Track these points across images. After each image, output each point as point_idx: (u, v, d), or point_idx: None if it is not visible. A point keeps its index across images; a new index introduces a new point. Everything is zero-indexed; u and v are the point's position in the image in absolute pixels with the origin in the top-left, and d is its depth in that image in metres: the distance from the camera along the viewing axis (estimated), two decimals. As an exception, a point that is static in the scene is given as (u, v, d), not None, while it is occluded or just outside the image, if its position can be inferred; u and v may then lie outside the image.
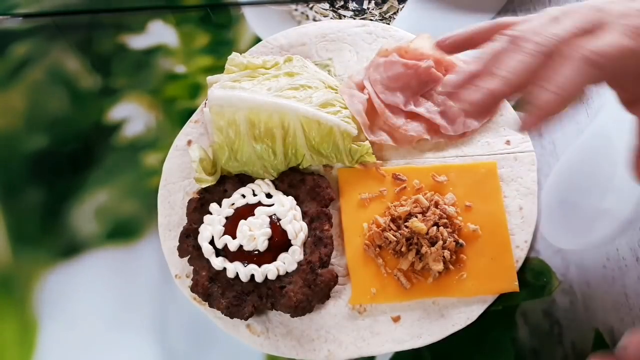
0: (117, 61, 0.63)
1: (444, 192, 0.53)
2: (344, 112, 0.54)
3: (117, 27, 0.65)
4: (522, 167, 0.55)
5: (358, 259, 0.52)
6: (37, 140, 0.60)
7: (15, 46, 0.64)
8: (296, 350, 0.50)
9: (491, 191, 0.54)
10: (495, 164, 0.55)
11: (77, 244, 0.56)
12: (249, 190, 0.53)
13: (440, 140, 0.56)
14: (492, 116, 0.56)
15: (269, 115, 0.51)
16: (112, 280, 0.55)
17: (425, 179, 0.54)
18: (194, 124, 0.58)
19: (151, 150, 0.59)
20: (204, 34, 0.64)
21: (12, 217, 0.57)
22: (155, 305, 0.54)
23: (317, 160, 0.54)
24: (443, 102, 0.56)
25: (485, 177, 0.54)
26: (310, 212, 0.52)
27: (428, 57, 0.57)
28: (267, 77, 0.54)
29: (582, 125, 0.59)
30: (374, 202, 0.54)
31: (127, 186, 0.58)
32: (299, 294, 0.49)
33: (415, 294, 0.51)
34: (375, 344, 0.50)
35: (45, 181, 0.59)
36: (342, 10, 0.65)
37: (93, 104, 0.62)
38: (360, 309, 0.51)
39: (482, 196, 0.53)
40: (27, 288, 0.55)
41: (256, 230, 0.50)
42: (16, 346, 0.53)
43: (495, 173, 0.54)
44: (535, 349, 0.51)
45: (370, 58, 0.58)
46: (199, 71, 0.62)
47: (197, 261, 0.51)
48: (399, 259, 0.51)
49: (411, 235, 0.51)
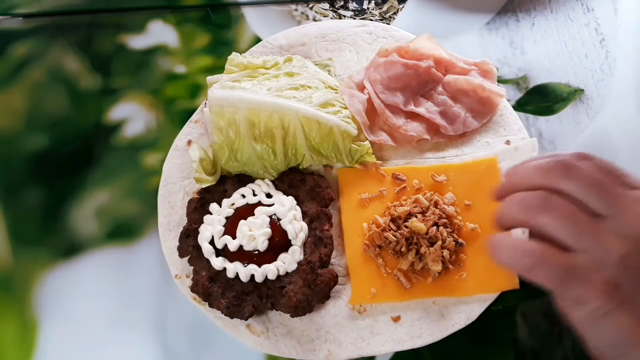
0: (117, 61, 0.63)
1: (444, 192, 0.53)
2: (344, 112, 0.54)
3: (117, 27, 0.65)
4: (523, 154, 0.54)
5: (358, 259, 0.52)
6: (37, 140, 0.60)
7: (15, 46, 0.64)
8: (296, 350, 0.50)
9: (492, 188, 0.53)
10: (495, 159, 0.54)
11: (77, 244, 0.56)
12: (249, 190, 0.53)
13: (440, 140, 0.56)
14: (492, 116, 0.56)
15: (269, 115, 0.51)
16: (112, 280, 0.55)
17: (425, 179, 0.54)
18: (194, 124, 0.58)
19: (151, 150, 0.59)
20: (204, 34, 0.64)
21: (12, 217, 0.57)
22: (155, 305, 0.54)
23: (317, 160, 0.54)
24: (443, 102, 0.56)
25: (486, 174, 0.54)
26: (310, 212, 0.52)
27: (428, 57, 0.57)
28: (267, 77, 0.54)
29: (582, 125, 0.59)
30: (373, 202, 0.54)
31: (127, 186, 0.58)
32: (299, 294, 0.49)
33: (415, 293, 0.51)
34: (375, 344, 0.50)
35: (45, 181, 0.59)
36: (342, 10, 0.65)
37: (93, 104, 0.62)
38: (360, 309, 0.51)
39: (482, 194, 0.53)
40: (27, 288, 0.55)
41: (256, 230, 0.50)
42: (16, 346, 0.53)
43: (496, 169, 0.54)
44: (535, 349, 0.51)
45: (370, 58, 0.58)
46: (199, 71, 0.62)
47: (197, 261, 0.51)
48: (398, 259, 0.51)
49: (411, 235, 0.51)
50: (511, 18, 0.64)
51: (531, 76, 0.61)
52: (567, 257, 0.37)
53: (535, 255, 0.37)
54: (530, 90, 0.61)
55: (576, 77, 0.61)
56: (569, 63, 0.62)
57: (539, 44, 0.63)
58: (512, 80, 0.61)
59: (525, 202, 0.39)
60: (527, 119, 0.59)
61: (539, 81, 0.61)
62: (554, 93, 0.61)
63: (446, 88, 0.57)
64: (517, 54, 0.62)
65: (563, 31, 0.63)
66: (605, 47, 0.62)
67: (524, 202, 0.39)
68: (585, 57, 0.62)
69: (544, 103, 0.60)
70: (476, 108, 0.56)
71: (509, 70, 0.62)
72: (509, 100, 0.60)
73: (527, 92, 0.61)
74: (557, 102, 0.60)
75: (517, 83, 0.61)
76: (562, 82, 0.61)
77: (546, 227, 0.38)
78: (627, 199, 0.37)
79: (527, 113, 0.60)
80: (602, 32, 0.63)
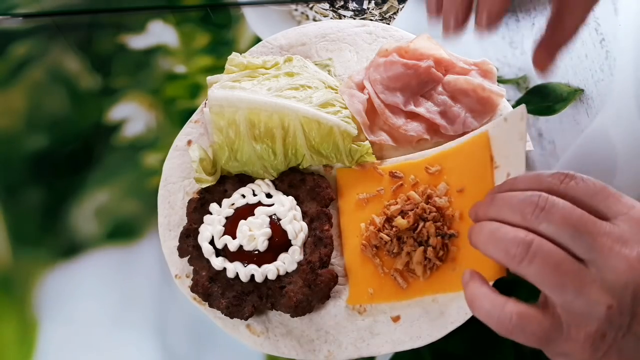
0: (117, 61, 0.63)
1: (438, 183, 0.52)
2: (344, 112, 0.54)
3: (117, 27, 0.65)
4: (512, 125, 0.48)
5: (356, 259, 0.52)
6: (37, 140, 0.60)
7: (15, 46, 0.64)
8: (296, 350, 0.50)
9: (483, 167, 0.50)
10: (486, 134, 0.51)
11: (77, 244, 0.56)
12: (249, 190, 0.53)
13: (440, 140, 0.56)
14: (492, 116, 0.56)
15: (269, 116, 0.51)
16: (112, 280, 0.55)
17: (420, 173, 0.53)
18: (194, 124, 0.58)
19: (151, 150, 0.59)
20: (204, 34, 0.64)
21: (12, 217, 0.57)
22: (155, 305, 0.54)
23: (317, 160, 0.54)
24: (443, 102, 0.56)
25: (477, 153, 0.51)
26: (311, 212, 0.52)
27: (428, 57, 0.57)
28: (267, 77, 0.54)
29: (582, 125, 0.59)
30: (371, 202, 0.54)
31: (127, 186, 0.58)
32: (299, 294, 0.49)
33: (412, 292, 0.51)
34: (374, 345, 0.50)
35: (45, 181, 0.59)
36: (342, 10, 0.65)
37: (93, 104, 0.62)
38: (360, 309, 0.51)
39: (474, 175, 0.51)
40: (27, 288, 0.55)
41: (256, 230, 0.50)
42: (16, 346, 0.53)
43: (487, 144, 0.50)
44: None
45: (370, 58, 0.58)
46: (199, 71, 0.63)
47: (197, 261, 0.51)
48: (395, 259, 0.51)
49: (401, 234, 0.51)
50: (511, 18, 0.64)
51: (531, 76, 0.61)
52: (549, 318, 0.36)
53: (515, 319, 0.37)
54: (530, 90, 0.61)
55: (576, 77, 0.61)
56: (569, 63, 0.62)
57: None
58: (512, 80, 0.61)
59: (506, 247, 0.37)
60: (527, 119, 0.59)
61: (539, 81, 0.61)
62: (554, 93, 0.61)
63: (446, 88, 0.57)
64: (517, 54, 0.62)
65: (563, 31, 0.63)
66: (605, 47, 0.62)
67: (505, 246, 0.37)
68: (585, 57, 0.62)
69: (544, 103, 0.60)
70: (476, 108, 0.56)
71: (509, 70, 0.62)
72: (509, 100, 0.60)
73: (527, 92, 0.61)
74: (557, 102, 0.60)
75: (517, 83, 0.61)
76: (562, 82, 0.61)
77: (529, 278, 0.37)
78: (607, 239, 0.36)
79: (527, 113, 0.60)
80: (602, 32, 0.63)
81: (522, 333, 0.37)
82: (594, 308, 0.35)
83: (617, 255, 0.35)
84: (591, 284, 0.35)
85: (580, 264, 0.36)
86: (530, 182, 0.40)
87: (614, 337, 0.35)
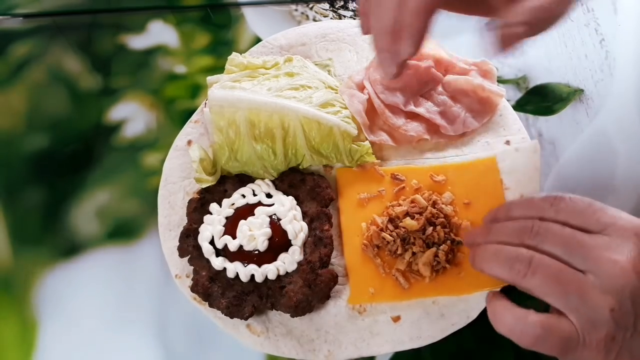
0: (117, 61, 0.63)
1: (443, 192, 0.53)
2: (344, 112, 0.54)
3: (117, 27, 0.65)
4: (524, 156, 0.54)
5: (356, 259, 0.52)
6: (37, 141, 0.60)
7: (15, 46, 0.64)
8: (296, 350, 0.50)
9: (492, 186, 0.53)
10: (494, 159, 0.54)
11: (77, 244, 0.56)
12: (249, 190, 0.53)
13: (440, 140, 0.56)
14: (492, 116, 0.57)
15: (269, 116, 0.51)
16: (112, 280, 0.55)
17: (424, 179, 0.54)
18: (194, 124, 0.58)
19: (151, 150, 0.59)
20: (204, 34, 0.64)
21: (12, 217, 0.57)
22: (155, 305, 0.54)
23: (317, 160, 0.54)
24: (443, 102, 0.56)
25: (485, 173, 0.54)
26: (311, 212, 0.52)
27: (428, 57, 0.57)
28: (267, 77, 0.54)
29: (582, 125, 0.59)
30: (372, 202, 0.54)
31: (127, 186, 0.58)
32: (299, 294, 0.49)
33: (414, 293, 0.51)
34: (374, 345, 0.50)
35: (45, 181, 0.59)
36: (342, 10, 0.65)
37: (93, 104, 0.62)
38: (360, 309, 0.51)
39: (482, 192, 0.53)
40: (27, 288, 0.55)
41: (256, 230, 0.50)
42: (16, 346, 0.53)
43: (496, 168, 0.54)
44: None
45: (370, 58, 0.58)
46: (199, 71, 0.63)
47: (197, 261, 0.51)
48: (396, 259, 0.51)
49: (407, 235, 0.51)
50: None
51: (531, 76, 0.61)
52: (569, 327, 0.38)
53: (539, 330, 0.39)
54: (530, 91, 0.61)
55: (576, 77, 0.61)
56: (568, 63, 0.62)
57: (539, 44, 0.63)
58: (512, 80, 0.61)
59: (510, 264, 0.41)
60: (527, 119, 0.60)
61: (538, 81, 0.61)
62: (554, 93, 0.61)
63: (446, 88, 0.57)
64: (517, 54, 0.62)
65: (563, 31, 0.63)
66: (605, 47, 0.62)
67: (509, 263, 0.41)
68: (585, 57, 0.62)
69: (543, 103, 0.60)
70: (476, 108, 0.56)
71: (509, 70, 0.62)
72: (509, 100, 0.60)
73: (527, 92, 0.61)
74: (557, 102, 0.60)
75: (517, 83, 0.61)
76: (562, 82, 0.61)
77: (534, 291, 0.40)
78: (599, 249, 0.39)
79: (527, 113, 0.60)
80: (602, 32, 0.63)
81: (545, 343, 0.39)
82: (598, 312, 0.38)
83: (609, 262, 0.38)
84: (592, 289, 0.38)
85: (579, 273, 0.39)
86: (523, 208, 0.44)
87: (622, 337, 0.38)
